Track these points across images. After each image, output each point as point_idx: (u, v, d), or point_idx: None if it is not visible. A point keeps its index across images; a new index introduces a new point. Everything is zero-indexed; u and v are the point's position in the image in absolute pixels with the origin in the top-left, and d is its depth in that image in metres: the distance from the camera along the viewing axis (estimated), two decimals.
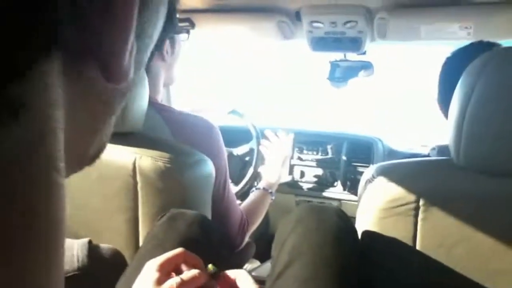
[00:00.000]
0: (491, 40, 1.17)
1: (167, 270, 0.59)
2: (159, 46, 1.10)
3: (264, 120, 2.18)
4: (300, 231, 0.76)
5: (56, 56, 0.18)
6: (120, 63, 0.20)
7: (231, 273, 0.61)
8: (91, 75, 0.21)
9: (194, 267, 0.60)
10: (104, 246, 0.92)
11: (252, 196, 1.44)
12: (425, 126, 2.49)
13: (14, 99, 0.16)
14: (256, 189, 1.47)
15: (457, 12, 1.20)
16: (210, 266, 0.62)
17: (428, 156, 1.14)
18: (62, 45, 0.18)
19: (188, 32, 1.26)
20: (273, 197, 1.49)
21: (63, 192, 0.20)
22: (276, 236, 0.83)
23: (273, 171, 1.53)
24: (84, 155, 0.27)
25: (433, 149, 1.07)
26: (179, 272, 0.60)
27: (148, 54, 0.28)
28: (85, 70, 0.20)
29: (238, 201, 1.34)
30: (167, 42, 1.19)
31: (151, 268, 0.58)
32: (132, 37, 0.20)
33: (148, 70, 1.15)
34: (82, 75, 0.20)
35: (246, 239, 1.32)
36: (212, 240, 0.83)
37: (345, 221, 0.80)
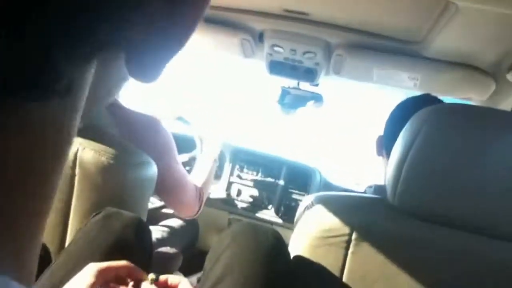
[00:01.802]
0: (434, 94, 1.26)
1: (106, 278, 0.57)
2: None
3: (210, 131, 2.16)
4: (235, 248, 0.76)
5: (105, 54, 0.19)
6: (164, 67, 0.22)
7: (173, 279, 0.60)
8: (118, 66, 0.22)
9: (138, 281, 0.59)
10: None
11: (203, 165, 1.52)
12: (359, 164, 2.61)
13: (71, 81, 0.18)
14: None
15: (408, 63, 1.28)
16: (151, 275, 0.61)
17: (364, 193, 1.19)
18: (115, 43, 0.19)
19: None
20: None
21: (61, 169, 0.22)
22: (211, 250, 0.82)
23: (213, 143, 1.62)
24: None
25: (370, 187, 1.12)
26: (120, 283, 0.58)
27: None
28: (115, 63, 0.22)
29: None
30: None
31: (89, 272, 0.56)
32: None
33: None
34: (114, 66, 0.22)
35: (203, 206, 1.38)
36: (145, 244, 0.81)
37: (280, 243, 0.81)
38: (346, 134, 3.09)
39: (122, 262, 0.62)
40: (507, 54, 1.11)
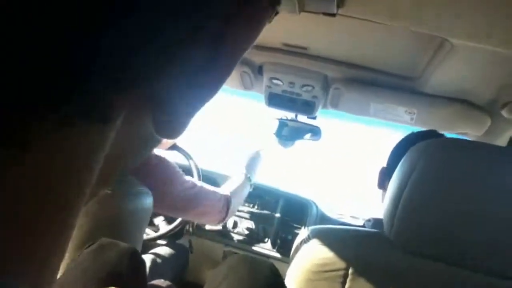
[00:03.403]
0: (430, 129, 1.27)
1: None
2: None
3: (206, 163, 2.16)
4: (231, 281, 0.75)
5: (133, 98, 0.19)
6: (189, 122, 0.22)
7: None
8: (145, 127, 0.22)
9: None
10: None
11: (235, 180, 1.53)
12: (355, 198, 2.60)
13: (111, 109, 0.18)
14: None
15: (404, 98, 1.30)
16: None
17: (363, 227, 1.18)
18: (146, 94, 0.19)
19: None
20: (252, 183, 1.60)
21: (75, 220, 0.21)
22: (207, 283, 0.81)
23: (252, 160, 1.62)
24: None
25: (369, 221, 1.11)
26: None
27: None
28: (142, 120, 0.21)
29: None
30: None
31: None
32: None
33: None
34: (136, 126, 0.22)
35: (230, 214, 1.40)
36: (140, 276, 0.79)
37: (278, 278, 0.79)
38: (343, 167, 3.09)
39: None
40: (501, 91, 1.12)
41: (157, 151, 1.77)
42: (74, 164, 0.18)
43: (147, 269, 1.41)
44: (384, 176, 1.20)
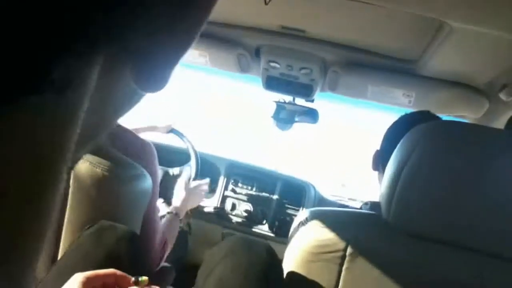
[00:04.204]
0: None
1: (93, 286, 0.57)
2: None
3: (204, 145, 2.17)
4: (229, 263, 0.76)
5: (108, 52, 0.18)
6: (170, 74, 0.21)
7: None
8: (124, 77, 0.21)
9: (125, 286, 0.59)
10: None
11: (165, 220, 1.39)
12: (354, 180, 2.61)
13: (65, 78, 0.16)
14: (168, 213, 1.43)
15: (403, 80, 1.30)
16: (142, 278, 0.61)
17: (360, 209, 1.19)
18: (113, 43, 0.18)
19: None
20: (181, 223, 1.49)
21: (60, 187, 0.19)
22: (203, 264, 0.82)
23: (180, 196, 1.51)
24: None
25: (366, 204, 1.12)
26: None
27: None
28: (122, 73, 0.21)
29: None
30: None
31: (76, 281, 0.56)
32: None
33: None
34: (116, 75, 0.21)
35: (162, 261, 1.28)
36: (139, 258, 0.80)
37: (274, 259, 0.80)
38: (341, 149, 3.10)
39: (109, 270, 0.61)
40: (500, 74, 1.12)
41: (155, 134, 1.78)
42: (56, 125, 0.17)
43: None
44: (378, 159, 1.20)
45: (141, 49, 0.19)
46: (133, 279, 0.61)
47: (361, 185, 2.47)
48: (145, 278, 0.62)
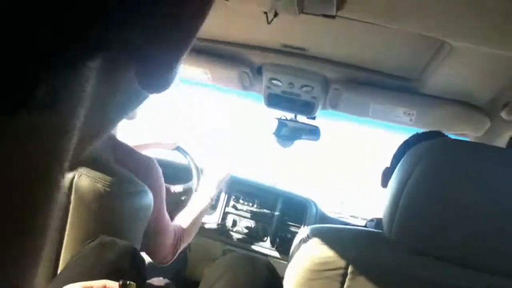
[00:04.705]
0: (429, 129, 1.27)
1: None
2: None
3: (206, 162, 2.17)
4: (229, 279, 0.75)
5: (98, 58, 0.18)
6: (171, 74, 0.21)
7: None
8: (127, 79, 0.21)
9: None
10: None
11: (197, 204, 1.46)
12: (355, 198, 2.60)
13: (51, 92, 0.16)
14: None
15: (404, 98, 1.30)
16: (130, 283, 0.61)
17: (365, 226, 1.19)
18: (109, 47, 0.18)
19: None
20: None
21: (58, 195, 0.19)
22: (204, 278, 0.81)
23: (214, 184, 1.55)
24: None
25: (371, 220, 1.12)
26: None
27: None
28: (123, 74, 0.21)
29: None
30: None
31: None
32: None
33: None
34: (117, 78, 0.21)
35: (177, 254, 1.33)
36: (140, 274, 0.80)
37: (275, 277, 0.80)
38: (343, 167, 3.10)
39: (101, 281, 0.61)
40: (501, 92, 1.13)
41: (160, 152, 1.78)
42: (49, 138, 0.17)
43: (146, 267, 1.41)
44: (387, 176, 1.20)
45: (141, 49, 0.20)
46: (120, 282, 0.61)
47: (359, 202, 2.46)
48: (133, 283, 0.61)
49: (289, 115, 1.73)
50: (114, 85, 0.22)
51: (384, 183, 1.22)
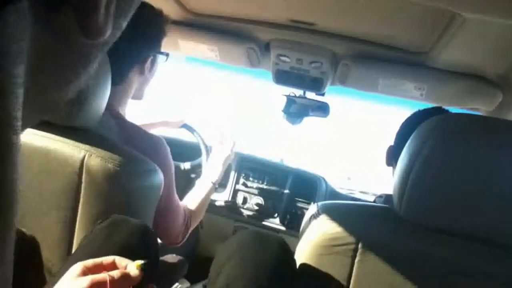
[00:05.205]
0: (441, 104, 1.26)
1: (94, 272, 0.58)
2: (142, 60, 1.10)
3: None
4: (241, 257, 0.76)
5: (23, 7, 0.17)
6: (95, 17, 0.20)
7: None
8: (66, 28, 0.21)
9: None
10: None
11: (201, 189, 1.45)
12: (365, 173, 2.60)
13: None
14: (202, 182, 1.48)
15: (414, 73, 1.29)
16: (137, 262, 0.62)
17: (374, 202, 1.19)
18: None
19: (167, 54, 1.26)
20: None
21: (17, 153, 0.19)
22: (216, 257, 0.82)
23: (217, 168, 1.53)
24: (59, 103, 0.26)
25: (380, 196, 1.12)
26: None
27: (119, 31, 0.28)
28: (59, 21, 0.20)
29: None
30: (150, 59, 1.19)
31: (75, 271, 0.57)
32: None
33: (123, 79, 1.15)
34: (56, 26, 0.20)
35: (187, 235, 1.33)
36: (152, 251, 0.81)
37: (287, 253, 0.80)
38: (352, 143, 3.09)
39: (109, 258, 0.62)
40: None
41: (166, 129, 1.79)
42: None
43: (159, 245, 1.43)
44: (391, 154, 1.20)
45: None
46: (139, 262, 0.62)
47: (367, 178, 2.46)
48: (140, 262, 0.63)
49: (298, 92, 1.72)
50: (55, 37, 0.22)
51: (389, 162, 1.22)
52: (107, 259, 0.62)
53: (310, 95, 1.70)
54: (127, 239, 0.78)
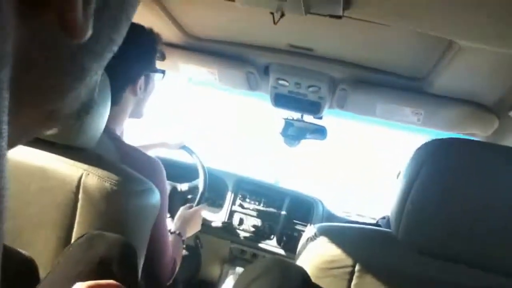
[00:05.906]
0: (438, 129, 1.27)
1: None
2: (133, 80, 1.11)
3: (213, 161, 2.18)
4: (263, 282, 0.74)
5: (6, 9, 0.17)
6: (73, 14, 0.20)
7: None
8: (49, 28, 0.21)
9: None
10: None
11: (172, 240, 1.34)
12: (362, 196, 2.60)
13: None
14: (171, 233, 1.37)
15: (411, 98, 1.30)
16: None
17: (377, 223, 1.19)
18: None
19: (163, 72, 1.27)
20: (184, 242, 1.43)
21: (2, 158, 0.18)
22: (238, 280, 0.81)
23: (186, 227, 1.46)
24: (58, 115, 0.26)
25: (383, 218, 1.12)
26: None
27: (111, 44, 0.27)
28: (42, 21, 0.20)
29: None
30: (142, 78, 1.18)
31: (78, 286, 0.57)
32: None
33: (118, 100, 1.14)
34: (39, 26, 0.20)
35: (174, 275, 1.27)
36: (131, 264, 0.79)
37: (309, 284, 0.79)
38: (349, 166, 3.09)
39: (110, 281, 0.62)
40: (509, 92, 1.13)
41: (166, 151, 1.79)
42: None
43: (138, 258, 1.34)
44: None
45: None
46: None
47: (364, 201, 2.46)
48: None
49: (296, 115, 1.74)
50: (37, 37, 0.21)
51: None
52: (107, 282, 0.62)
53: (308, 118, 1.72)
54: (107, 251, 0.76)
